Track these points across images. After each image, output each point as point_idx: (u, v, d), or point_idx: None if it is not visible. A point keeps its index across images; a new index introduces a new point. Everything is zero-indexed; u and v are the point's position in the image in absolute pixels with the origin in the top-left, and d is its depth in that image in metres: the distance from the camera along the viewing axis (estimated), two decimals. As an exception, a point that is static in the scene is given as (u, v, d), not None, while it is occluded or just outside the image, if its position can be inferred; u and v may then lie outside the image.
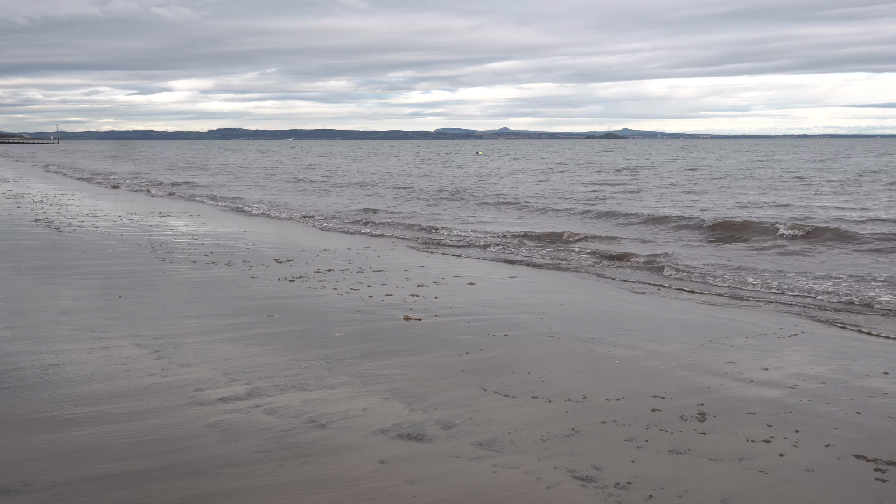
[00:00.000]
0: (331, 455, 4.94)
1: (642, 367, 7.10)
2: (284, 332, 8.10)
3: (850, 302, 10.89)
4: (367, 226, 21.30)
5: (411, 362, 7.07)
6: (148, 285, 10.62)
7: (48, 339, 7.58)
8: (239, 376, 6.50)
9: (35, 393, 5.99)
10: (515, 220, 23.57)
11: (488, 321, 8.82)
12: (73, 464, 4.71)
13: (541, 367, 7.00)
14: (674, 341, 8.04)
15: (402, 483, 4.56)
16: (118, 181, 41.61)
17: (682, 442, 5.26)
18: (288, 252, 14.24)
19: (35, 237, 15.63)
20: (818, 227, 18.77)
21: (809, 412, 5.91)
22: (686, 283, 12.63)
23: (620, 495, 4.45)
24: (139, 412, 5.61)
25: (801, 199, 28.79)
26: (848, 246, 16.71)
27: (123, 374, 6.50)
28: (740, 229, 19.31)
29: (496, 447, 5.11)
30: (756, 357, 7.49)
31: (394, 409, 5.79)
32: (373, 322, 8.62)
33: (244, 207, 26.61)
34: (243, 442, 5.11)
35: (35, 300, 9.41)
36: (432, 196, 32.37)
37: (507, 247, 17.08)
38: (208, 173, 53.18)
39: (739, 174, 47.07)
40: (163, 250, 14.02)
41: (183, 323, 8.39)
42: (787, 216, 22.00)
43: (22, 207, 22.33)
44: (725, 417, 5.75)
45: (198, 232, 17.53)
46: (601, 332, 8.40)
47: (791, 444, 5.25)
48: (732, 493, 4.49)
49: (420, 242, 17.58)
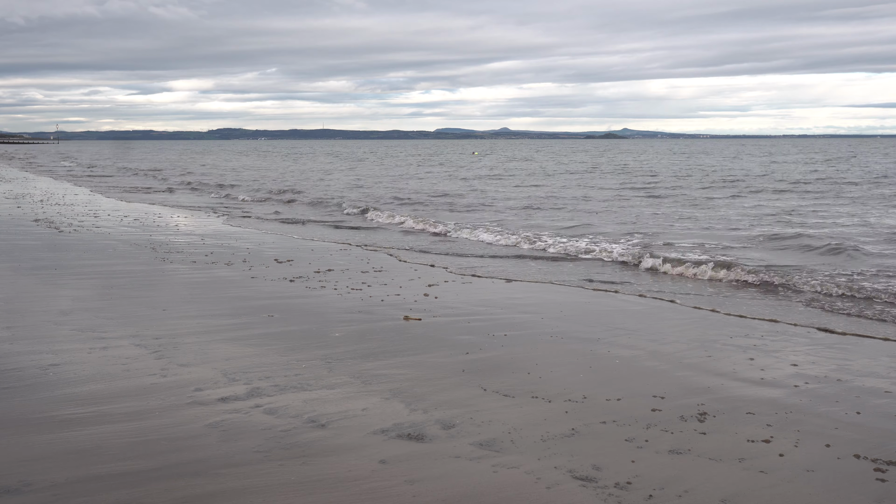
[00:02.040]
0: (331, 455, 4.94)
1: (642, 367, 7.10)
2: (284, 332, 8.10)
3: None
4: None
5: (411, 362, 7.06)
6: (148, 285, 10.63)
7: (48, 339, 7.58)
8: (239, 376, 6.50)
9: (35, 393, 5.99)
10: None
11: (488, 321, 8.82)
12: (73, 464, 4.71)
13: (541, 367, 7.00)
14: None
15: (402, 483, 4.56)
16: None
17: (682, 442, 5.26)
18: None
19: (35, 237, 15.64)
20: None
21: (809, 412, 5.91)
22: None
23: (620, 495, 4.45)
24: (139, 412, 5.61)
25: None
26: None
27: (123, 374, 6.50)
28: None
29: (496, 447, 5.11)
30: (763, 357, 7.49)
31: (394, 409, 5.79)
32: (373, 322, 8.62)
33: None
34: (243, 442, 5.11)
35: (35, 300, 9.41)
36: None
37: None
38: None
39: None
40: (163, 250, 14.03)
41: (183, 323, 8.39)
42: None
43: (22, 207, 22.34)
44: (725, 417, 5.75)
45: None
46: (601, 332, 8.40)
47: (791, 443, 5.25)
48: (732, 493, 4.48)
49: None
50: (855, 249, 14.79)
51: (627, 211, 24.00)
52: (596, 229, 18.95)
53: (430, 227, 19.41)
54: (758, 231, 18.28)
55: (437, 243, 16.78)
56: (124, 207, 23.97)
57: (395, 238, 17.78)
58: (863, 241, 16.41)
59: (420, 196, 30.50)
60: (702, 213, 23.26)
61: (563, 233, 18.12)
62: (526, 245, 16.10)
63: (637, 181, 40.14)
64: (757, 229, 18.67)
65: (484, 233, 17.87)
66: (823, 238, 16.63)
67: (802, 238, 16.66)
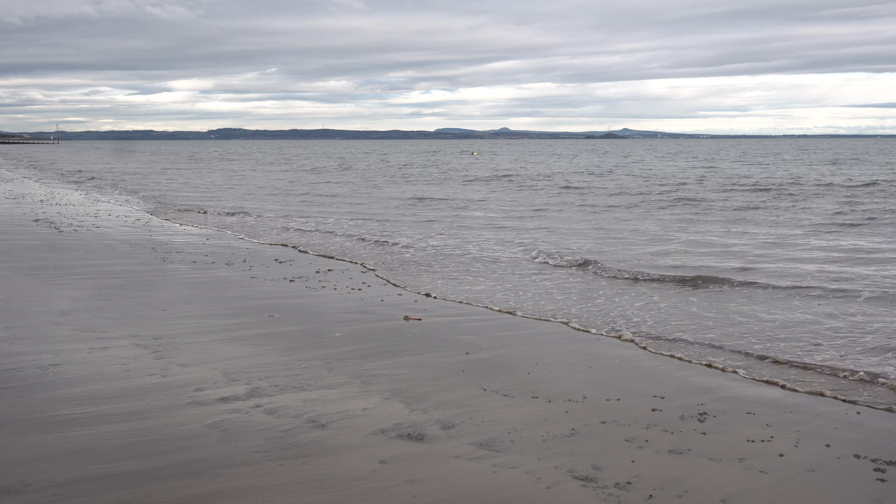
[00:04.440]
0: (331, 455, 4.94)
1: (642, 367, 7.10)
2: (284, 332, 8.10)
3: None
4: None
5: (411, 362, 7.06)
6: (148, 285, 10.62)
7: (48, 339, 7.58)
8: (239, 376, 6.50)
9: (35, 393, 5.99)
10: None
11: (488, 321, 8.82)
12: (73, 464, 4.71)
13: (541, 367, 6.99)
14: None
15: (402, 483, 4.56)
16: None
17: (683, 442, 5.25)
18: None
19: (35, 237, 15.64)
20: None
21: (810, 412, 5.91)
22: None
23: (620, 495, 4.45)
24: (139, 412, 5.61)
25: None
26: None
27: (123, 375, 6.49)
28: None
29: (496, 447, 5.11)
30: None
31: (394, 409, 5.79)
32: (373, 322, 8.62)
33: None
34: (243, 442, 5.11)
35: (35, 300, 9.41)
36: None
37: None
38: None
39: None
40: (163, 250, 14.03)
41: (183, 323, 8.39)
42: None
43: (21, 207, 22.33)
44: (725, 417, 5.75)
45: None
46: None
47: (791, 443, 5.25)
48: (732, 493, 4.48)
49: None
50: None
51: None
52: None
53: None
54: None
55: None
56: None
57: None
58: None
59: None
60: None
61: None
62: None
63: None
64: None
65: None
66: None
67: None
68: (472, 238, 16.98)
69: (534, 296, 10.46)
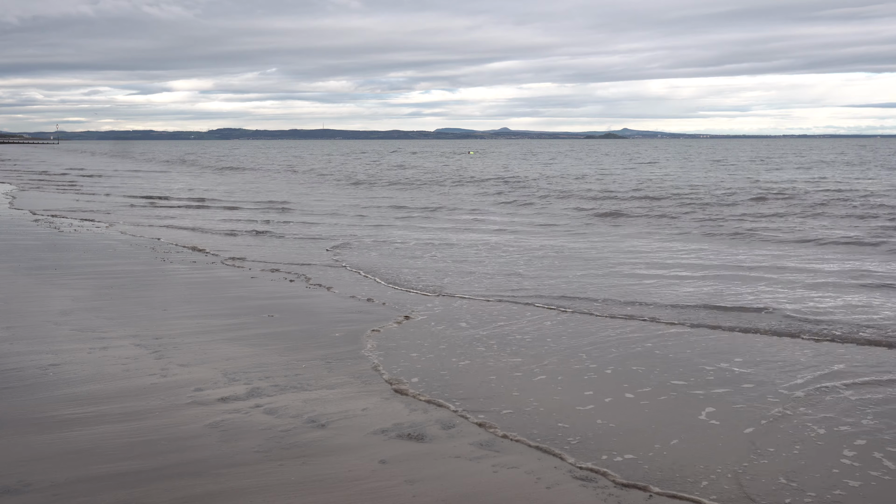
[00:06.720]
0: (331, 455, 4.94)
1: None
2: (284, 332, 8.10)
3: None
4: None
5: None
6: (147, 285, 10.62)
7: (48, 339, 7.58)
8: (239, 376, 6.50)
9: (35, 393, 5.99)
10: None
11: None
12: (73, 464, 4.71)
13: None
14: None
15: (402, 483, 4.56)
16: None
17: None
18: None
19: (35, 237, 15.64)
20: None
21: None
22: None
23: (620, 495, 4.45)
24: (139, 412, 5.61)
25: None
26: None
27: (123, 375, 6.49)
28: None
29: (496, 447, 5.11)
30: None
31: (394, 409, 5.79)
32: (373, 322, 8.61)
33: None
34: (243, 442, 5.11)
35: (35, 300, 9.41)
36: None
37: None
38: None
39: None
40: (162, 250, 14.02)
41: (183, 323, 8.39)
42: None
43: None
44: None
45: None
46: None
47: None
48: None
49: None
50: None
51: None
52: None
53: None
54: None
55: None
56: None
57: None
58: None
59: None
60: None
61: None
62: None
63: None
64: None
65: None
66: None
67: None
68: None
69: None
